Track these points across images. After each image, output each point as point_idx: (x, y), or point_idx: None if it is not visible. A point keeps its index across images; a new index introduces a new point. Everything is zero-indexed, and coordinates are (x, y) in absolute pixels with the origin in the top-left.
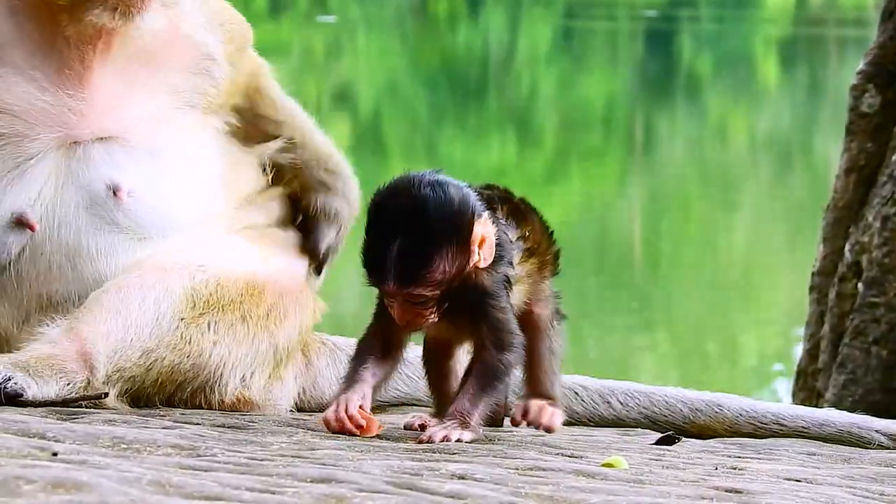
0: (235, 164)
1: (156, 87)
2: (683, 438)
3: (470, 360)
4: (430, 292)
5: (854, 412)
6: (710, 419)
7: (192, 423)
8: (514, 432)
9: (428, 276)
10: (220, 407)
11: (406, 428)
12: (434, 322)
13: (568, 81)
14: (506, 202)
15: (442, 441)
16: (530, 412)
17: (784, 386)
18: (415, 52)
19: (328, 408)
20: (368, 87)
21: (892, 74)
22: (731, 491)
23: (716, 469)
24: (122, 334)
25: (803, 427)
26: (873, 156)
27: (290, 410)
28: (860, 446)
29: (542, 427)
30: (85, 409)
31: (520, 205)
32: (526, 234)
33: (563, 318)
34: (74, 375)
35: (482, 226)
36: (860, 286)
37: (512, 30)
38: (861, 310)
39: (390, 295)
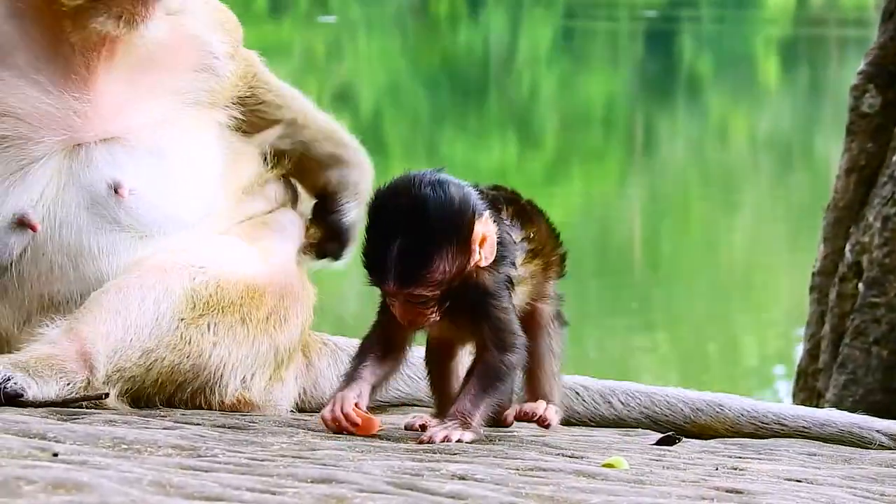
0: (237, 159)
1: (161, 90)
2: (684, 439)
3: (472, 361)
4: (430, 292)
5: (855, 412)
6: (711, 419)
7: (193, 424)
8: (515, 433)
9: (428, 276)
10: (221, 408)
11: (407, 428)
12: (436, 321)
13: (568, 82)
14: (512, 203)
15: (442, 441)
16: (523, 409)
17: (785, 386)
18: (415, 53)
19: (325, 406)
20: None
21: (892, 75)
22: (731, 491)
23: (716, 469)
24: (122, 334)
25: (804, 427)
26: (874, 156)
27: (290, 411)
28: (861, 446)
29: (538, 419)
30: (85, 410)
31: (526, 206)
32: (531, 236)
33: (564, 324)
34: (74, 375)
35: (483, 225)
36: (861, 286)
37: (512, 30)
38: (861, 310)
39: (391, 295)
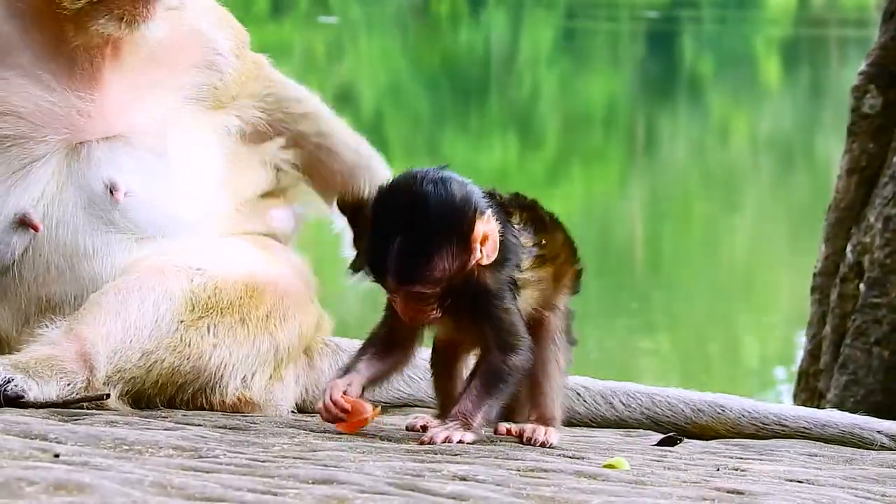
0: (239, 164)
1: (164, 88)
2: (685, 439)
3: (475, 362)
4: (430, 289)
5: (856, 413)
6: (712, 420)
7: (194, 425)
8: None
9: (428, 273)
10: (222, 407)
11: (408, 429)
12: (438, 319)
13: (569, 82)
14: (527, 209)
15: (444, 442)
16: (524, 434)
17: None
18: (416, 53)
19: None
20: (370, 88)
21: (893, 75)
22: (732, 492)
23: (718, 470)
24: (122, 335)
25: (805, 428)
26: (875, 156)
27: (291, 411)
28: (862, 447)
29: (538, 444)
30: (86, 411)
31: (544, 215)
32: (542, 242)
33: (573, 341)
34: (75, 376)
35: (485, 223)
36: (862, 287)
37: (513, 30)
38: (863, 310)
39: (392, 291)
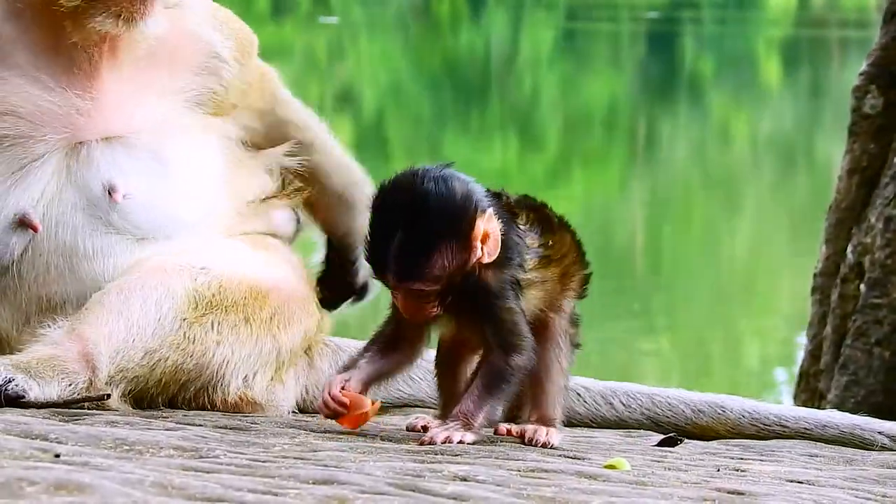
0: (238, 168)
1: (164, 88)
2: (686, 440)
3: (478, 363)
4: (430, 287)
5: (856, 414)
6: (712, 420)
7: (195, 425)
8: None
9: (427, 270)
10: (223, 406)
11: (408, 429)
12: (440, 318)
13: (570, 83)
14: (534, 211)
15: (444, 442)
16: (525, 435)
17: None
18: (417, 54)
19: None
20: (371, 89)
21: (894, 76)
22: (733, 493)
23: (718, 471)
24: (125, 335)
25: (806, 428)
26: (876, 157)
27: (292, 412)
28: (863, 448)
29: (539, 445)
30: (87, 411)
31: (552, 217)
32: (549, 243)
33: (577, 345)
34: (76, 376)
35: (486, 221)
36: (862, 287)
37: (514, 31)
38: (863, 311)
39: (392, 288)
